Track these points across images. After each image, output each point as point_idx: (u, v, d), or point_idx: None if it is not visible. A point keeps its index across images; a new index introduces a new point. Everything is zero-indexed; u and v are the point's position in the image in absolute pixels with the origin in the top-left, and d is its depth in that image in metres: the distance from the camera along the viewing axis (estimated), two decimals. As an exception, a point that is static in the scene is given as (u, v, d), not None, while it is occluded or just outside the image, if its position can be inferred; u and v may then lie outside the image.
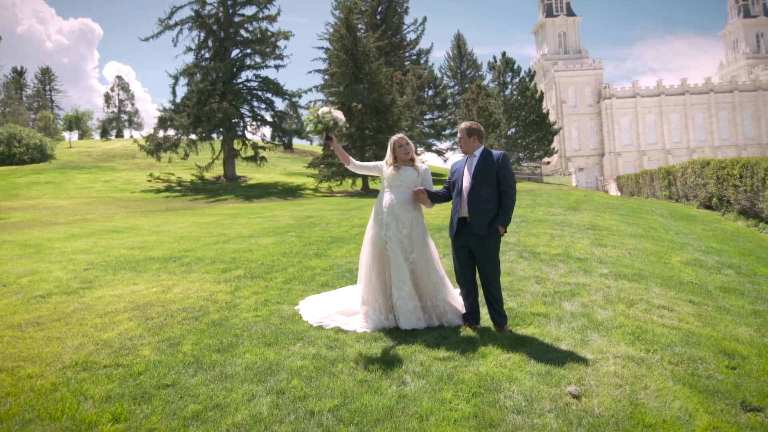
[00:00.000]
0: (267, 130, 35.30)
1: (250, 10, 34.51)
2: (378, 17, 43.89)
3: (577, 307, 5.40)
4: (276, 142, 35.47)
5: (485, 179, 4.67)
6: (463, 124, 4.90)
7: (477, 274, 4.83)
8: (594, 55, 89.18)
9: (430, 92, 42.50)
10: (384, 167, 5.00)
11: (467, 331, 4.66)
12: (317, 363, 3.90)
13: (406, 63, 44.30)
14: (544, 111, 43.35)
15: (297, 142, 39.47)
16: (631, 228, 12.70)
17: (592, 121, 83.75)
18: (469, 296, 4.79)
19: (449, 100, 43.24)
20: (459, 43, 55.90)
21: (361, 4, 37.36)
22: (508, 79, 40.89)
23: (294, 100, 34.28)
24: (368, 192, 30.18)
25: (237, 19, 34.30)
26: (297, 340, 4.43)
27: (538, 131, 41.39)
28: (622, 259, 8.16)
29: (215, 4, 33.92)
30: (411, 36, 45.57)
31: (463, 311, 4.90)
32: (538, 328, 4.72)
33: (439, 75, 45.13)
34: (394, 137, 5.03)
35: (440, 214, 12.69)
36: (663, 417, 3.20)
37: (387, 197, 4.90)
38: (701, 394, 3.53)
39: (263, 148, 34.96)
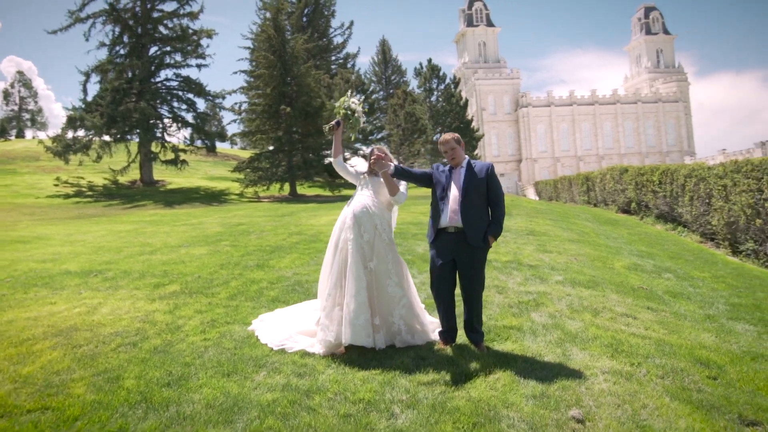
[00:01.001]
0: (188, 133, 33.54)
1: (170, 6, 33.01)
2: (304, 19, 43.06)
3: (546, 318, 5.23)
4: (198, 145, 33.82)
5: (477, 190, 4.43)
6: (450, 135, 4.60)
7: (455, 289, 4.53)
8: (511, 65, 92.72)
9: (359, 97, 42.36)
10: (360, 176, 4.65)
11: (444, 350, 4.33)
12: (290, 396, 3.41)
13: (333, 67, 43.76)
14: (469, 118, 44.31)
15: (220, 146, 37.91)
16: (567, 233, 12.98)
17: (510, 129, 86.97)
18: (448, 312, 4.47)
19: (375, 105, 43.25)
20: (384, 49, 56.11)
21: (287, 5, 36.43)
22: (434, 86, 41.43)
23: (217, 101, 32.85)
24: (297, 197, 29.42)
25: (155, 14, 32.37)
26: (259, 368, 3.92)
27: (463, 137, 42.22)
28: (571, 265, 8.18)
29: (131, -2, 31.91)
30: (338, 39, 45.21)
31: (428, 332, 4.57)
32: (515, 343, 4.48)
33: (366, 80, 45.01)
34: (373, 147, 4.70)
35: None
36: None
37: (353, 201, 4.55)
38: (699, 411, 3.39)
39: (184, 150, 33.22)
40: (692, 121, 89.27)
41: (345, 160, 4.85)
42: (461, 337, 4.54)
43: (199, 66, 32.83)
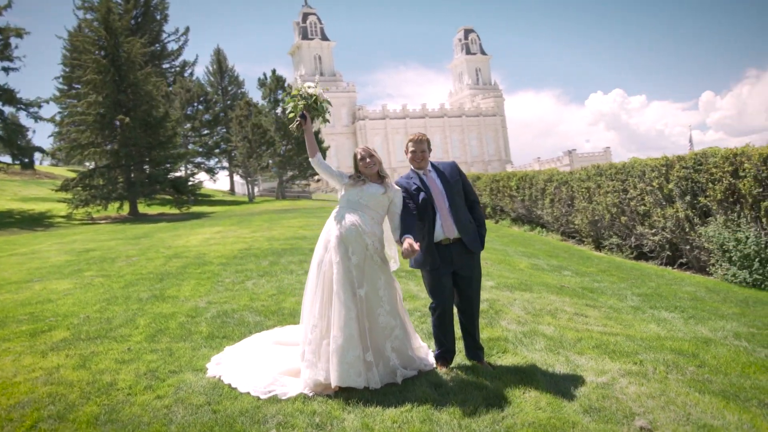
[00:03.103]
0: (-6, 147, 28.46)
1: (-37, -2, 27.63)
2: (133, 22, 39.12)
3: (517, 326, 5.10)
4: (9, 162, 28.87)
5: (458, 192, 4.10)
6: (418, 136, 4.16)
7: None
8: (347, 78, 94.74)
9: (200, 107, 39.50)
10: (345, 179, 3.98)
11: (449, 373, 3.92)
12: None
13: (169, 75, 40.34)
14: (315, 130, 44.06)
15: (38, 164, 32.85)
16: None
17: (348, 141, 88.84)
18: (451, 332, 4.08)
19: (220, 117, 40.75)
20: (219, 58, 53.51)
21: (114, 5, 32.85)
22: (279, 97, 40.47)
23: (32, 110, 28.31)
24: (138, 217, 26.49)
25: (-55, 7, 27.07)
26: (262, 425, 3.14)
27: (311, 149, 41.76)
28: (489, 269, 8.26)
29: None
30: (172, 46, 41.82)
31: (424, 357, 4.09)
32: (516, 356, 4.24)
33: (210, 90, 42.17)
34: (356, 149, 4.06)
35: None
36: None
37: (339, 213, 3.92)
38: (732, 401, 3.45)
39: (-13, 168, 28.15)
40: (508, 133, 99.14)
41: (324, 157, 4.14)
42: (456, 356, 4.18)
43: (6, 69, 28.06)
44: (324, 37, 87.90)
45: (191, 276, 8.04)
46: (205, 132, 42.75)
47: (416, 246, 3.62)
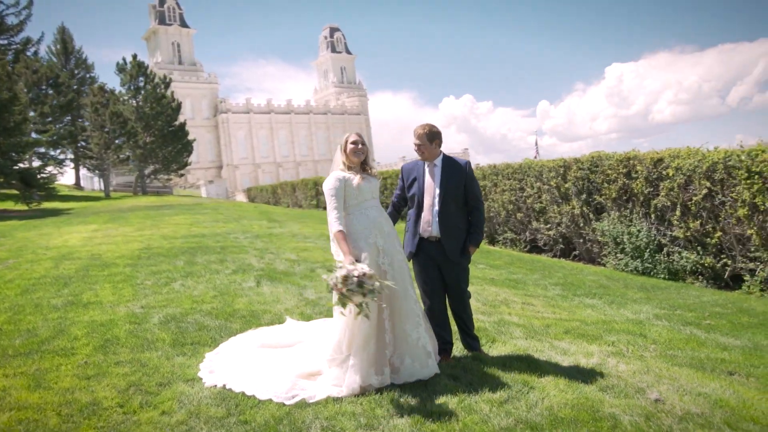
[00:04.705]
0: None
1: None
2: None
3: (484, 316, 5.34)
4: None
5: (453, 194, 4.05)
6: (421, 128, 4.10)
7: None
8: (207, 69, 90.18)
9: (50, 91, 34.68)
10: (351, 180, 3.78)
11: (453, 366, 3.99)
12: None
13: (9, 53, 34.90)
14: (181, 121, 41.33)
15: None
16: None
17: (209, 134, 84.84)
18: (446, 324, 4.14)
19: (74, 103, 36.28)
20: (64, 38, 47.71)
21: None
22: (141, 84, 37.24)
23: None
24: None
25: None
26: (309, 432, 2.96)
27: (175, 143, 39.07)
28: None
29: None
30: (12, 20, 36.24)
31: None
32: (505, 345, 4.45)
33: (59, 73, 37.14)
34: (348, 134, 3.90)
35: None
36: (727, 398, 3.42)
37: (369, 215, 3.78)
38: (702, 372, 3.97)
39: None
40: (372, 132, 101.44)
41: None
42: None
43: None
44: (184, 24, 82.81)
45: (101, 279, 7.21)
46: (49, 120, 38.07)
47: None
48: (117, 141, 34.95)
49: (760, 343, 4.93)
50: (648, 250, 8.54)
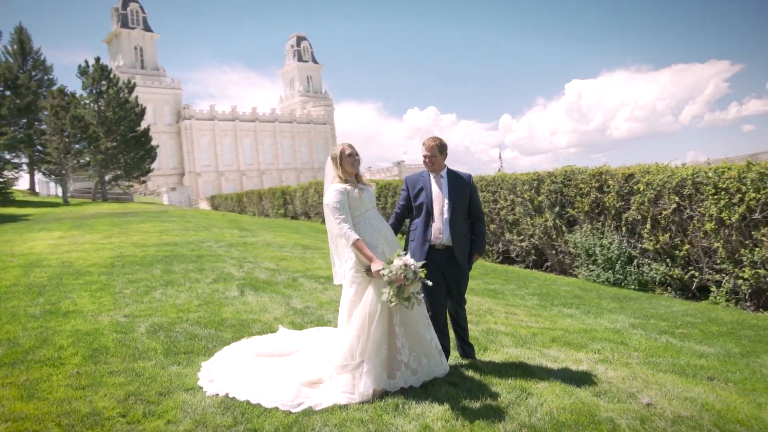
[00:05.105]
0: None
1: None
2: None
3: (472, 325, 5.44)
4: None
5: (461, 204, 4.25)
6: (432, 141, 4.26)
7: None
8: (170, 74, 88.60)
9: (7, 93, 33.21)
10: (352, 191, 3.84)
11: (451, 373, 4.08)
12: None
13: None
14: (144, 127, 40.40)
15: None
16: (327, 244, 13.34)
17: (172, 140, 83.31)
18: (446, 330, 4.27)
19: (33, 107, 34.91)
20: (22, 38, 46.23)
21: None
22: (104, 88, 36.22)
23: None
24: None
25: None
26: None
27: (138, 149, 38.09)
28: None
29: None
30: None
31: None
32: (497, 353, 4.57)
33: (19, 74, 35.67)
34: (342, 145, 3.96)
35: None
36: (712, 402, 3.61)
37: (373, 224, 3.84)
38: (685, 377, 4.16)
39: None
40: (337, 142, 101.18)
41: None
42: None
43: None
44: (147, 28, 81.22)
45: (76, 287, 7.04)
46: (5, 122, 36.66)
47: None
48: (77, 146, 33.96)
49: (732, 351, 5.19)
50: (619, 262, 8.85)
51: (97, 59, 36.87)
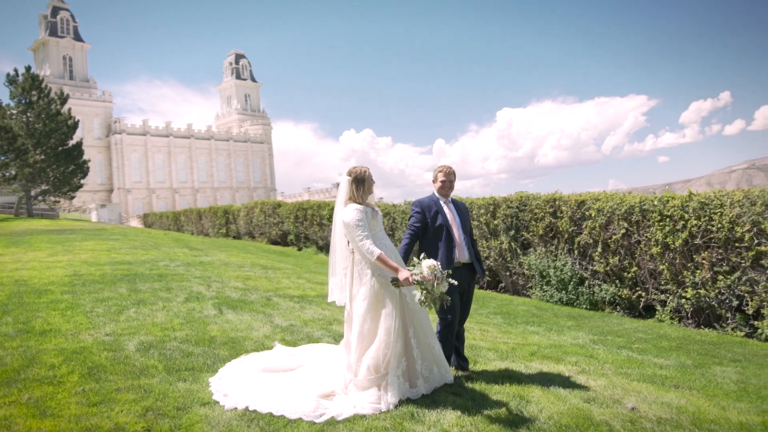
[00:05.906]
0: None
1: None
2: None
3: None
4: None
5: (466, 227, 4.73)
6: (450, 167, 4.74)
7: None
8: (101, 87, 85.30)
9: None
10: (368, 213, 4.08)
11: (452, 383, 4.37)
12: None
13: None
14: (77, 140, 38.59)
15: None
16: (285, 265, 13.39)
17: (100, 155, 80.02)
18: (452, 344, 4.61)
19: None
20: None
21: None
22: (34, 99, 34.36)
23: None
24: None
25: None
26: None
27: (70, 162, 36.34)
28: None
29: None
30: None
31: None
32: (486, 365, 4.89)
33: None
34: (363, 167, 4.19)
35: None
36: (685, 406, 4.08)
37: (386, 244, 4.09)
38: (657, 386, 4.63)
39: None
40: (275, 162, 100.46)
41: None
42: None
43: None
44: (78, 38, 78.09)
45: (42, 306, 6.81)
46: None
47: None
48: (2, 158, 32.03)
49: (686, 363, 5.76)
50: (572, 283, 9.47)
51: (28, 68, 35.08)
